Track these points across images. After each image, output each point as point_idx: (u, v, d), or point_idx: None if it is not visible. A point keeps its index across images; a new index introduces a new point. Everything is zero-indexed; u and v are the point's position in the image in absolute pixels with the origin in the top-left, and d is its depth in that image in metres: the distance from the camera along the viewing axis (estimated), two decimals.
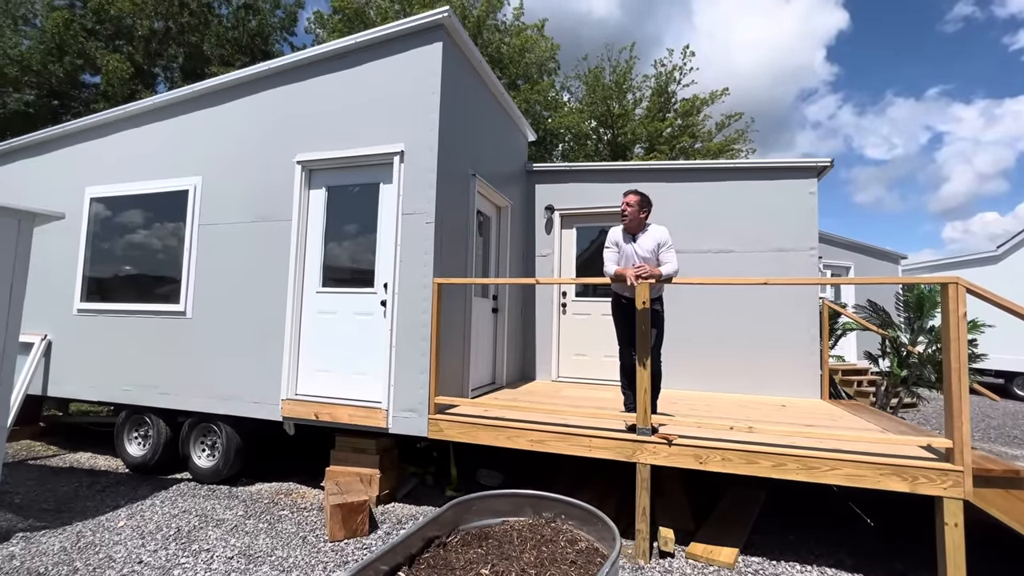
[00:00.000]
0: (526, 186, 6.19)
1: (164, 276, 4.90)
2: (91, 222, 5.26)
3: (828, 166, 5.17)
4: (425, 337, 3.84)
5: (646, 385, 3.25)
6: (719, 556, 3.06)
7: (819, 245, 5.28)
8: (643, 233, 3.65)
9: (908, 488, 2.74)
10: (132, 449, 4.82)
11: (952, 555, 2.64)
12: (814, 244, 5.15)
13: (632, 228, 3.66)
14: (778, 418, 4.01)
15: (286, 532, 3.44)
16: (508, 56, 12.77)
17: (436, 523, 2.19)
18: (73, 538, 3.33)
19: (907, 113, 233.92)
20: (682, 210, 5.41)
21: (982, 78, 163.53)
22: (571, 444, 3.39)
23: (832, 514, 3.93)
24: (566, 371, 5.92)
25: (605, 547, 2.10)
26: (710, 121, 15.17)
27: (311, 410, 4.12)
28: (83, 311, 5.14)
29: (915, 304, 5.24)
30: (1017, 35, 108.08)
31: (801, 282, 5.06)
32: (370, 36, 4.22)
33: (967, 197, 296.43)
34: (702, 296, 5.25)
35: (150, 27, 12.12)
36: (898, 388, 5.42)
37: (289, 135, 4.48)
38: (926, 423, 7.20)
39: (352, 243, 4.41)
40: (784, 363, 5.10)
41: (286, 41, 14.61)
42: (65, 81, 11.62)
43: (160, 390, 4.67)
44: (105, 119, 5.32)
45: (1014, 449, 6.39)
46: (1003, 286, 9.92)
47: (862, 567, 3.06)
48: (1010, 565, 3.08)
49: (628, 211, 3.61)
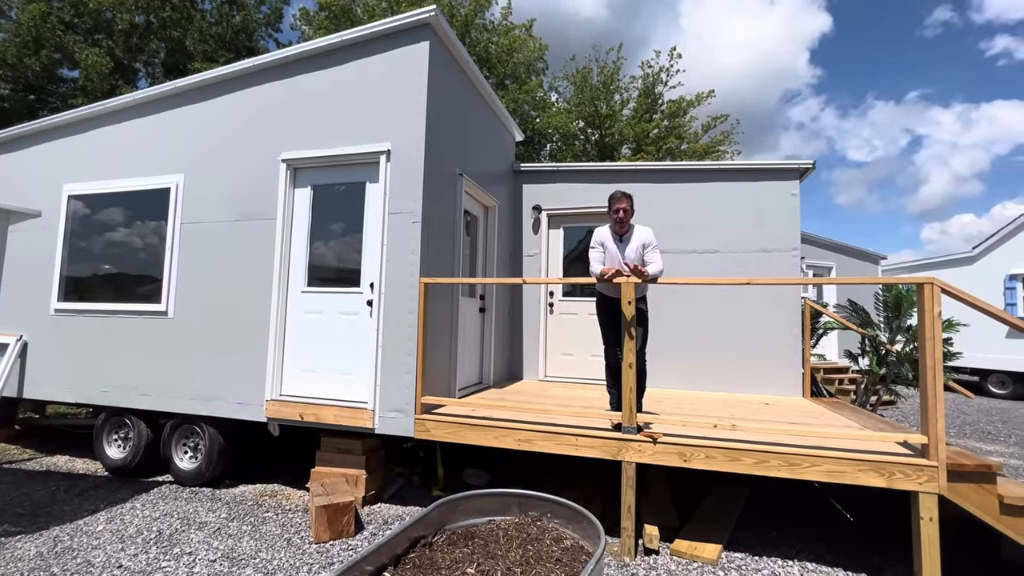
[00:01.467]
0: (513, 186, 6.20)
1: (145, 275, 4.81)
2: (69, 220, 5.14)
3: (810, 168, 5.26)
4: (412, 337, 3.83)
5: (631, 384, 3.28)
6: (703, 552, 3.10)
7: (802, 246, 5.38)
8: (628, 233, 3.70)
9: (885, 483, 2.81)
10: (112, 452, 4.73)
11: (927, 548, 2.71)
12: (796, 245, 5.24)
13: (620, 229, 3.70)
14: (761, 416, 4.08)
15: (270, 534, 3.40)
16: (496, 56, 12.77)
17: (422, 523, 2.19)
18: (50, 543, 3.25)
19: (888, 116, 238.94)
20: (668, 211, 5.47)
21: (960, 83, 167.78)
22: (558, 443, 3.41)
23: (813, 510, 4.01)
24: (553, 371, 5.94)
25: (590, 545, 2.11)
26: (696, 123, 15.35)
27: (296, 411, 4.08)
28: (60, 311, 5.03)
29: (893, 304, 5.37)
30: (993, 41, 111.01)
31: (784, 282, 5.14)
32: (357, 34, 4.19)
33: (944, 199, 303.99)
34: (687, 296, 5.31)
35: (131, 21, 11.88)
36: (877, 386, 5.54)
37: (274, 133, 4.43)
38: (904, 420, 7.37)
39: (338, 242, 4.38)
40: (767, 362, 5.18)
41: (271, 38, 14.46)
42: (42, 75, 11.34)
43: (141, 391, 4.59)
44: (84, 115, 5.20)
45: (988, 445, 6.57)
46: (978, 286, 10.28)
47: (841, 561, 3.13)
48: (982, 558, 3.16)
49: (625, 216, 3.66)
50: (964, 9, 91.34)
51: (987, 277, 11.00)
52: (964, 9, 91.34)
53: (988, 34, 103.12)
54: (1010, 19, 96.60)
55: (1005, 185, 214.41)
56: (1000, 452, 6.16)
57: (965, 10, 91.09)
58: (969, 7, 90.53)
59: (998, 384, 10.72)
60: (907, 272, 13.45)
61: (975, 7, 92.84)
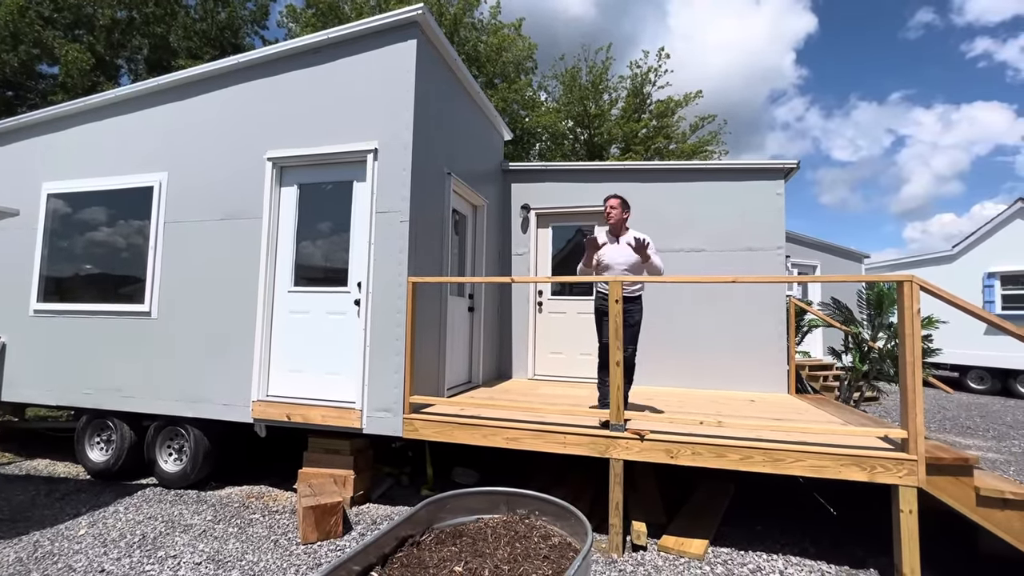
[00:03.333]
0: (502, 185, 6.20)
1: (128, 275, 4.73)
2: (49, 219, 5.04)
3: (795, 168, 5.33)
4: (400, 336, 3.82)
5: (619, 382, 3.30)
6: (689, 548, 3.14)
7: (787, 245, 5.46)
8: (624, 235, 3.79)
9: (867, 477, 2.86)
10: (94, 455, 4.64)
11: (907, 540, 2.77)
12: (781, 243, 5.31)
13: (616, 230, 3.80)
14: (747, 412, 4.13)
15: (257, 536, 3.37)
16: (485, 55, 12.74)
17: (410, 522, 2.19)
18: (30, 548, 3.19)
19: (871, 116, 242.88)
20: (656, 209, 5.50)
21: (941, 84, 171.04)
22: (546, 441, 3.42)
23: (797, 505, 4.07)
24: (542, 369, 5.96)
25: (578, 541, 2.13)
26: (684, 123, 15.46)
27: (283, 411, 4.05)
28: (40, 312, 4.93)
29: (875, 301, 5.46)
30: (974, 43, 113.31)
31: (769, 280, 5.21)
32: (344, 32, 4.17)
33: (926, 199, 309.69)
34: (674, 294, 5.36)
35: (112, 16, 11.63)
36: (860, 382, 5.64)
37: (260, 131, 4.38)
38: (887, 415, 7.50)
39: (325, 241, 4.34)
40: (753, 359, 5.25)
41: (257, 35, 14.22)
42: (20, 71, 11.07)
43: (123, 393, 4.52)
44: (64, 111, 5.10)
45: (967, 439, 6.72)
46: (958, 284, 10.50)
47: (824, 554, 3.18)
48: (960, 549, 3.24)
49: (612, 213, 3.76)
50: (946, 11, 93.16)
51: (966, 275, 11.24)
52: (946, 11, 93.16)
53: (969, 36, 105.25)
54: (990, 21, 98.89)
55: (984, 185, 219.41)
56: (978, 446, 6.31)
57: (947, 12, 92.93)
58: (951, 9, 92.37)
59: (977, 380, 10.97)
60: (889, 270, 13.68)
61: (956, 9, 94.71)
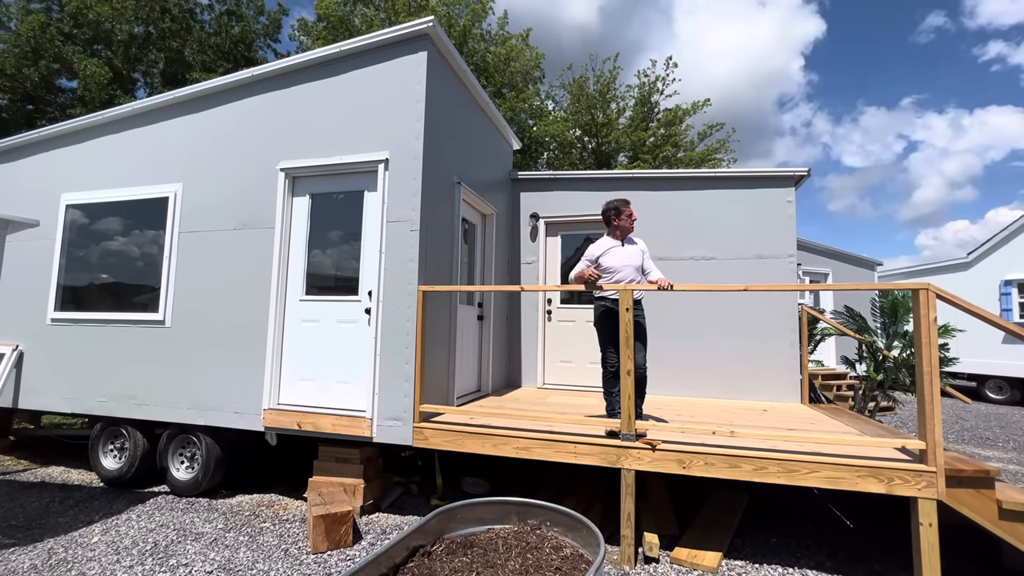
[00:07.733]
0: (511, 194, 6.23)
1: (143, 284, 4.80)
2: (67, 229, 5.14)
3: (805, 175, 5.30)
4: (410, 345, 3.83)
5: (630, 391, 3.28)
6: (703, 560, 3.09)
7: (798, 252, 5.40)
8: (629, 242, 3.81)
9: (884, 489, 2.80)
10: (107, 462, 4.69)
11: (927, 554, 2.70)
12: (792, 251, 5.27)
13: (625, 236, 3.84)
14: (760, 422, 4.07)
15: (267, 545, 3.37)
16: (493, 65, 12.87)
17: (421, 532, 2.18)
18: (44, 555, 3.22)
19: (881, 122, 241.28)
20: (665, 218, 5.50)
21: (954, 88, 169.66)
22: (556, 451, 3.40)
23: (813, 517, 3.99)
24: (552, 378, 5.93)
25: (590, 553, 2.11)
26: (692, 131, 15.46)
27: (294, 420, 4.06)
28: (57, 320, 5.01)
29: (890, 310, 5.38)
30: (986, 46, 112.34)
31: (780, 288, 5.16)
32: (355, 44, 4.23)
33: (938, 205, 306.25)
34: (684, 303, 5.33)
35: (130, 32, 11.93)
36: (875, 392, 5.54)
37: (272, 142, 4.45)
38: (903, 426, 7.37)
39: (336, 251, 4.38)
40: (765, 368, 5.19)
41: (270, 48, 14.51)
42: (40, 86, 11.37)
43: (137, 401, 4.56)
44: (83, 124, 5.22)
45: (986, 450, 6.57)
46: (974, 292, 10.34)
47: (842, 568, 3.12)
48: (983, 564, 3.16)
49: (635, 217, 3.81)
50: (957, 15, 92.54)
51: (982, 283, 11.05)
52: (957, 15, 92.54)
53: (981, 39, 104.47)
54: (1003, 24, 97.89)
55: (999, 191, 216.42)
56: (999, 457, 6.16)
57: (958, 16, 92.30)
58: (962, 13, 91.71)
59: (996, 389, 10.73)
60: (902, 278, 13.51)
61: (968, 13, 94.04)
